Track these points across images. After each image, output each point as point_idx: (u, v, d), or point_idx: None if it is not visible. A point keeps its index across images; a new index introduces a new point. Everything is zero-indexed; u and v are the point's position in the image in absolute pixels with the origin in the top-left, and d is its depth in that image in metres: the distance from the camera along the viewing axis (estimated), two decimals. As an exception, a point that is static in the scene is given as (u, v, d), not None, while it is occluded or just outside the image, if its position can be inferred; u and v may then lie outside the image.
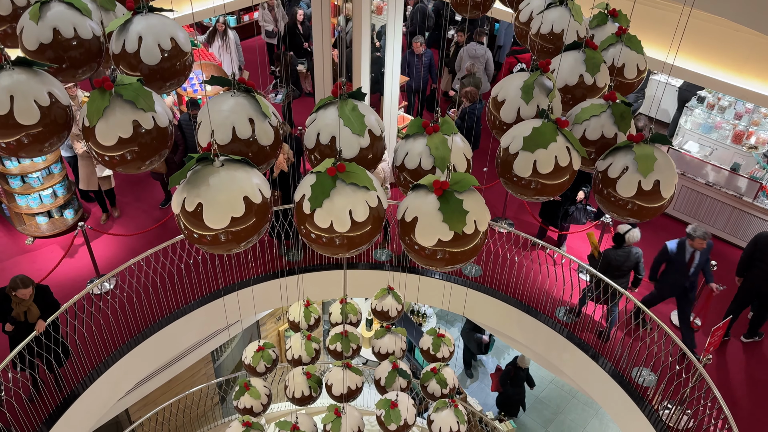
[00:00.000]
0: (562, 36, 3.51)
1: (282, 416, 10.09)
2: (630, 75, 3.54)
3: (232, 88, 2.70)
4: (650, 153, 2.83)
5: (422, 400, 10.51)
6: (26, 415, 6.50)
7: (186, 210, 2.44)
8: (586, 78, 3.28)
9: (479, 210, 2.62)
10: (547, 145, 2.79)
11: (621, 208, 2.94)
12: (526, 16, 3.88)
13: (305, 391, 5.99)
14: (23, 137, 2.43)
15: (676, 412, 6.75)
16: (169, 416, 9.98)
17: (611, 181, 2.91)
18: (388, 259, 8.76)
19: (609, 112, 3.09)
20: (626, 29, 3.58)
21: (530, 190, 2.88)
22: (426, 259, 2.64)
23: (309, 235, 2.60)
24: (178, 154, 8.87)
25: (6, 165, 8.43)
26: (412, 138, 3.02)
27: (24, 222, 8.86)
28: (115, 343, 7.39)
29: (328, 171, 2.54)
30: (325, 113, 2.88)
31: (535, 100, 3.08)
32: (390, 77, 9.14)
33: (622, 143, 2.95)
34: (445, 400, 5.72)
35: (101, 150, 2.48)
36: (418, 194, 2.67)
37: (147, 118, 2.49)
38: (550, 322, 7.97)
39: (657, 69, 7.35)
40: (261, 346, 6.05)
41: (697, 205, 9.40)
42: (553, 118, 2.84)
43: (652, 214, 2.95)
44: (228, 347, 11.41)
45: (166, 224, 8.76)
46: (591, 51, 3.28)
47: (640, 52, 3.52)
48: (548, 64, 3.10)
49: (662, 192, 2.87)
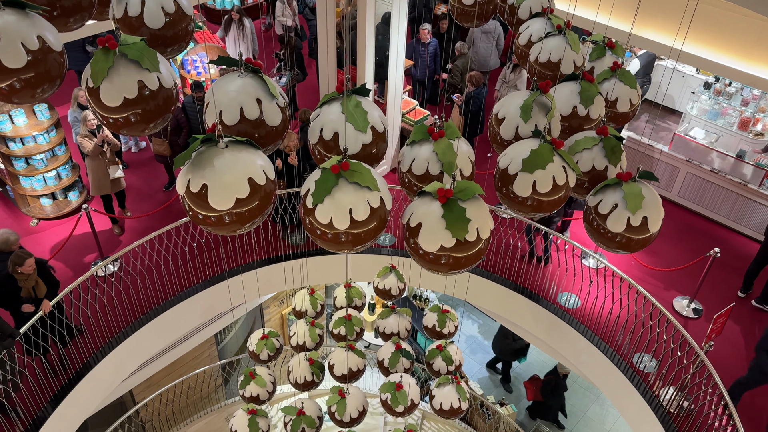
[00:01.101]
0: (559, 65, 3.66)
1: (285, 398, 10.17)
2: (623, 108, 3.68)
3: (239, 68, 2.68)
4: (638, 191, 3.02)
5: (424, 383, 10.57)
6: (31, 395, 6.57)
7: (191, 191, 2.44)
8: (579, 110, 3.43)
9: (482, 218, 2.69)
10: (545, 165, 2.90)
11: (610, 241, 3.12)
12: (525, 39, 4.04)
13: (308, 377, 6.04)
14: (15, 82, 2.33)
15: (676, 397, 6.79)
16: (172, 397, 10.07)
17: (602, 217, 3.09)
18: (391, 244, 8.77)
19: (600, 146, 3.24)
20: (621, 64, 3.72)
21: (527, 207, 3.01)
22: (429, 263, 2.73)
23: (314, 231, 2.64)
24: (182, 137, 8.86)
25: (10, 147, 8.44)
26: (418, 144, 3.09)
27: (28, 204, 8.88)
28: (119, 325, 7.44)
29: (332, 168, 2.57)
30: (329, 109, 2.92)
31: (533, 119, 3.22)
32: (395, 61, 9.09)
33: (611, 180, 3.12)
34: (448, 376, 5.74)
35: (106, 112, 2.43)
36: (423, 201, 2.75)
37: (152, 79, 2.43)
38: (552, 308, 7.99)
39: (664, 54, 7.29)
40: (265, 335, 6.10)
41: (701, 191, 9.37)
42: (549, 139, 2.95)
43: (640, 246, 3.14)
44: (231, 330, 11.48)
45: (170, 207, 8.77)
46: (586, 83, 3.42)
47: (633, 86, 3.67)
48: (548, 86, 3.20)
49: (650, 227, 3.07)
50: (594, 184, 3.27)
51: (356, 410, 5.94)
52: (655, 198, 3.09)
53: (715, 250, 7.41)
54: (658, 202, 3.10)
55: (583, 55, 3.77)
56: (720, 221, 9.31)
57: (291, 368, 6.14)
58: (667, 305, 7.88)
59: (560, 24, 3.81)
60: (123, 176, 8.38)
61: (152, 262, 7.66)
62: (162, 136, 8.79)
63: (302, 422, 5.96)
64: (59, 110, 9.03)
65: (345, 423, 5.95)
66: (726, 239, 9.03)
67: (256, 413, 5.94)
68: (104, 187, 8.25)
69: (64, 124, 9.01)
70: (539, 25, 3.99)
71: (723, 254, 7.73)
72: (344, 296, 6.55)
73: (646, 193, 3.05)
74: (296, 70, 10.30)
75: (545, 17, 4.01)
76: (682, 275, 8.21)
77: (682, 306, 8.00)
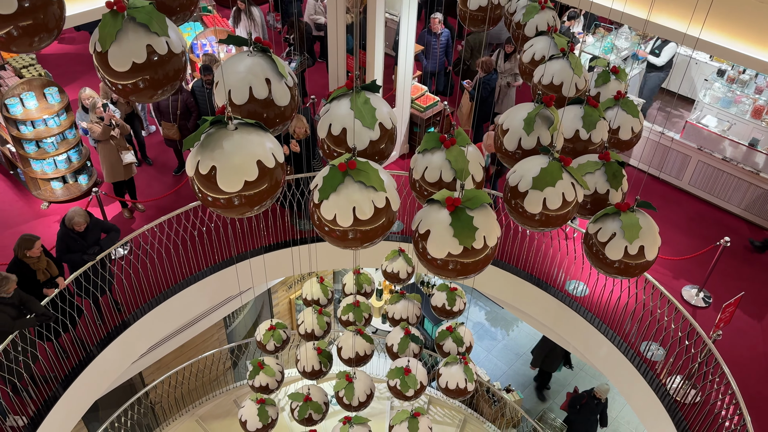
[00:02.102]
0: (562, 87, 3.78)
1: (292, 382, 10.25)
2: (625, 136, 3.79)
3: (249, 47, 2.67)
4: (636, 222, 3.18)
5: (431, 369, 10.61)
6: (42, 376, 6.65)
7: (200, 173, 2.45)
8: (581, 133, 3.54)
9: (489, 226, 2.77)
10: (555, 183, 3.02)
11: (609, 267, 3.27)
12: (529, 57, 4.16)
13: (315, 366, 6.08)
14: (12, 30, 2.26)
15: (683, 386, 6.78)
16: (181, 380, 10.17)
17: (601, 245, 3.25)
18: (399, 230, 8.77)
19: (603, 170, 3.39)
20: (624, 94, 3.80)
21: (536, 222, 3.12)
22: (437, 268, 2.81)
23: (322, 228, 2.70)
24: (191, 121, 8.86)
25: (21, 130, 8.48)
26: (430, 152, 3.17)
27: (39, 187, 8.94)
28: (129, 308, 7.51)
29: (339, 166, 2.62)
30: (339, 105, 2.96)
31: (535, 132, 3.31)
32: (404, 46, 9.03)
33: (610, 210, 3.27)
34: (456, 356, 5.75)
35: (114, 78, 2.39)
36: (432, 208, 2.83)
37: (161, 43, 2.39)
38: (560, 295, 7.99)
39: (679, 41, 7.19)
40: (273, 326, 6.12)
41: (713, 180, 9.29)
42: (558, 157, 3.05)
43: (639, 271, 3.28)
44: (240, 314, 11.55)
45: (179, 191, 8.80)
46: (590, 108, 3.51)
47: (636, 116, 3.78)
48: (552, 99, 3.31)
49: (646, 255, 3.21)
50: (596, 206, 3.43)
51: (364, 394, 5.98)
52: (651, 227, 3.23)
53: (726, 239, 7.36)
54: (654, 231, 3.26)
55: (585, 78, 3.86)
56: (731, 210, 9.24)
57: (299, 357, 6.18)
58: (675, 294, 7.85)
59: (564, 47, 3.92)
60: (135, 162, 8.42)
61: (162, 246, 7.71)
62: (171, 120, 8.80)
63: (309, 408, 6.00)
64: (69, 93, 9.05)
65: (353, 407, 5.99)
66: (737, 228, 8.96)
67: (265, 402, 5.99)
68: (117, 174, 8.30)
69: (74, 107, 9.04)
70: (543, 44, 4.10)
71: (733, 243, 7.69)
72: (353, 283, 6.56)
73: (643, 223, 3.19)
74: (306, 55, 10.26)
75: (549, 36, 4.12)
76: (691, 264, 8.17)
77: (691, 295, 7.97)
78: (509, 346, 12.68)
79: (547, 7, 4.44)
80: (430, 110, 9.95)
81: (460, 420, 10.31)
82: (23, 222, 8.52)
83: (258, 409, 5.94)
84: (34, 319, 6.15)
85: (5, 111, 8.29)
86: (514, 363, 12.36)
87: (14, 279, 5.97)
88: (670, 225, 8.94)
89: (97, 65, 2.41)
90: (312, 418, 6.05)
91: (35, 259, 6.38)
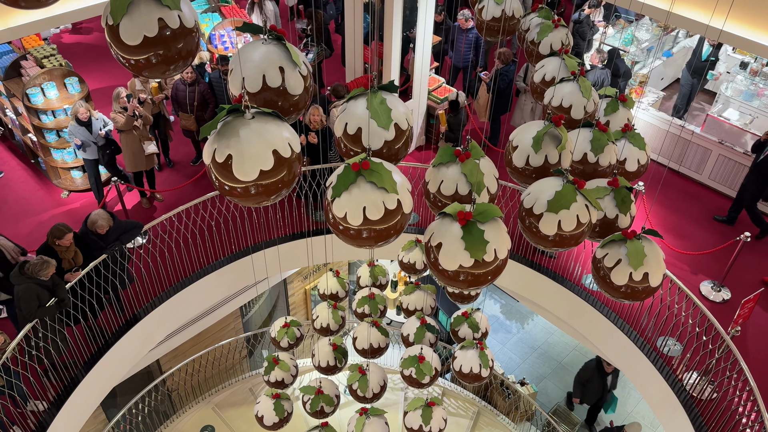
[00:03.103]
0: (571, 109, 3.88)
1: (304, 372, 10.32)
2: (631, 168, 3.91)
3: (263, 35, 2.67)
4: (641, 249, 3.31)
5: (444, 361, 10.63)
6: (63, 362, 6.77)
7: (216, 161, 2.46)
8: (589, 156, 3.62)
9: (500, 239, 2.86)
10: (569, 206, 3.10)
11: (616, 291, 3.40)
12: (540, 77, 4.30)
13: (330, 362, 6.11)
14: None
15: (700, 382, 6.73)
16: (198, 368, 10.29)
17: (608, 269, 3.38)
18: (414, 222, 8.77)
19: (612, 196, 3.54)
20: (632, 127, 3.94)
21: (550, 242, 3.21)
22: (449, 279, 2.89)
23: (336, 226, 2.75)
24: (208, 112, 8.91)
25: (42, 119, 8.59)
26: (445, 165, 3.27)
27: (60, 176, 9.06)
28: (147, 296, 7.60)
29: (353, 165, 2.67)
30: (355, 104, 3.02)
31: (543, 150, 3.42)
32: (422, 37, 8.99)
33: (617, 236, 3.39)
34: (473, 340, 5.75)
35: (126, 52, 2.37)
36: (444, 221, 2.91)
37: (173, 17, 2.35)
38: (576, 289, 7.95)
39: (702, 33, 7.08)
40: (287, 323, 6.16)
41: (733, 174, 9.16)
42: (572, 179, 3.14)
43: (643, 296, 3.41)
44: (256, 303, 11.65)
45: (197, 181, 8.87)
46: (599, 132, 3.62)
47: (642, 148, 3.91)
48: (561, 119, 3.42)
49: (650, 281, 3.35)
50: (605, 229, 3.58)
51: (378, 385, 6.01)
52: (656, 255, 3.35)
53: (746, 234, 7.26)
54: (659, 258, 3.36)
55: (594, 101, 3.96)
56: (752, 205, 9.10)
57: (314, 351, 6.23)
58: (693, 289, 7.78)
59: (574, 70, 4.04)
60: (157, 152, 8.51)
61: (180, 235, 7.78)
62: (189, 111, 8.86)
63: (321, 401, 6.04)
64: (89, 83, 9.14)
65: (367, 399, 6.01)
66: (757, 224, 8.83)
67: (280, 397, 6.04)
68: (140, 163, 8.40)
69: (93, 97, 9.13)
70: (554, 65, 4.24)
71: (753, 239, 7.58)
72: (368, 275, 6.57)
73: (648, 251, 3.30)
74: (323, 46, 10.25)
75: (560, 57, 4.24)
76: (710, 259, 8.08)
77: (709, 290, 7.88)
78: (524, 339, 12.66)
79: (561, 25, 4.59)
80: (446, 102, 9.91)
81: (473, 412, 10.33)
82: (44, 210, 8.65)
83: (274, 404, 6.00)
84: (55, 307, 6.27)
85: (27, 101, 8.40)
86: (528, 356, 12.34)
87: (54, 264, 6.19)
88: (689, 219, 8.84)
89: (109, 41, 2.39)
90: (324, 410, 6.10)
91: (64, 248, 6.53)
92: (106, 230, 6.81)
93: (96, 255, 6.86)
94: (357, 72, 9.72)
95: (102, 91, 10.27)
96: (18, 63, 8.71)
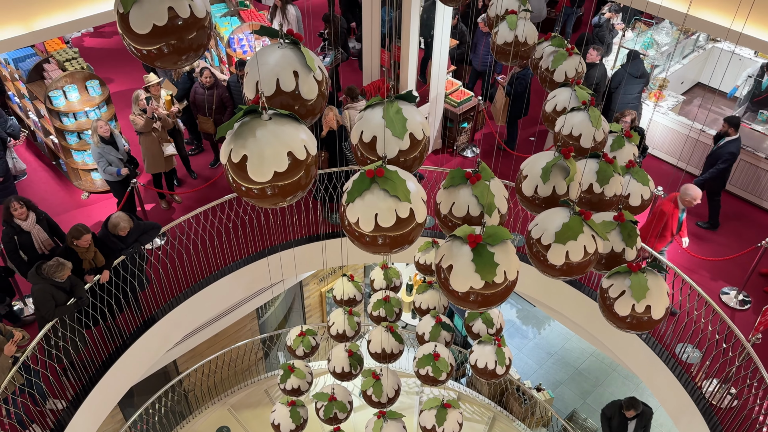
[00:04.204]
0: (580, 138, 3.95)
1: (319, 375, 10.33)
2: (634, 203, 4.00)
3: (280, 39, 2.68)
4: (644, 283, 3.38)
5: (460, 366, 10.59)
6: (82, 361, 6.85)
7: (232, 161, 2.48)
8: (595, 187, 3.70)
9: (509, 262, 2.95)
10: (577, 237, 3.19)
11: (620, 321, 3.47)
12: (551, 107, 4.41)
13: (345, 368, 6.11)
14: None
15: (719, 390, 6.63)
16: (214, 369, 10.36)
17: (612, 300, 3.46)
18: (430, 226, 8.75)
19: (618, 230, 3.64)
20: (635, 163, 4.04)
21: (557, 271, 3.28)
22: (459, 300, 2.95)
23: (352, 233, 2.79)
24: (226, 115, 8.99)
25: (63, 121, 8.72)
26: (456, 188, 3.36)
27: (80, 177, 9.19)
28: (165, 297, 7.67)
29: (367, 172, 2.71)
30: (372, 112, 3.06)
31: (551, 181, 3.53)
32: (439, 40, 8.99)
33: (622, 269, 3.48)
34: (491, 336, 5.71)
35: (137, 42, 2.36)
36: (455, 244, 2.98)
37: (183, 6, 2.34)
38: (593, 294, 7.87)
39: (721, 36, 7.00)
40: (303, 332, 6.19)
41: (755, 180, 9.03)
42: (578, 210, 3.23)
43: (647, 327, 3.46)
44: (272, 305, 11.70)
45: (215, 183, 8.94)
46: (605, 164, 3.69)
47: (646, 184, 4.00)
48: (570, 152, 3.51)
49: (652, 314, 3.39)
50: (610, 262, 3.68)
51: (392, 390, 6.00)
52: (660, 289, 3.41)
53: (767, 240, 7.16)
54: (662, 292, 3.42)
55: (604, 131, 4.02)
56: (774, 211, 8.97)
57: (330, 356, 6.24)
58: (713, 296, 7.67)
59: (585, 100, 4.11)
60: (175, 154, 8.60)
61: (197, 237, 7.85)
62: (207, 114, 8.95)
63: (334, 407, 6.05)
64: (110, 87, 9.26)
65: (382, 404, 6.00)
66: (779, 230, 8.69)
67: (296, 404, 6.06)
68: (159, 165, 8.49)
69: (114, 100, 9.25)
70: (565, 96, 4.34)
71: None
72: (382, 278, 6.57)
73: (651, 285, 3.37)
74: (340, 50, 10.29)
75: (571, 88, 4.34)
76: (730, 265, 7.96)
77: (730, 297, 7.77)
78: (540, 345, 12.57)
79: (574, 53, 4.70)
80: (463, 105, 9.89)
81: (489, 417, 10.27)
82: (64, 211, 8.77)
83: (290, 411, 6.02)
84: (73, 306, 6.36)
85: (49, 103, 8.53)
86: (545, 362, 12.25)
87: (69, 266, 6.30)
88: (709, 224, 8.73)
89: (120, 31, 2.39)
90: (337, 417, 6.10)
91: (83, 249, 6.62)
92: (127, 231, 6.90)
93: (116, 256, 6.96)
94: (374, 76, 9.75)
95: (122, 93, 10.40)
96: (41, 66, 8.86)
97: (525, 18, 4.84)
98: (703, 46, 11.23)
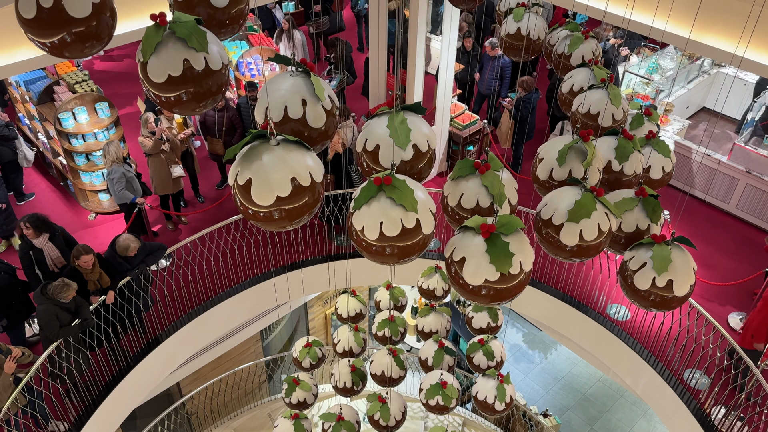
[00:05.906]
0: (598, 117, 3.84)
1: (325, 398, 10.24)
2: (655, 176, 3.83)
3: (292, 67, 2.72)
4: (667, 255, 3.17)
5: (465, 390, 10.48)
6: (85, 383, 6.82)
7: (238, 183, 2.51)
8: (614, 164, 3.58)
9: (524, 251, 2.78)
10: (590, 214, 3.03)
11: (640, 297, 3.27)
12: (568, 87, 4.27)
13: (347, 383, 6.07)
14: (65, 36, 2.48)
15: (729, 417, 6.53)
16: (218, 391, 10.29)
17: (632, 272, 3.27)
18: (436, 248, 8.74)
19: (641, 206, 3.42)
20: (656, 134, 3.86)
21: (568, 252, 3.12)
22: (471, 294, 2.80)
23: (360, 243, 2.73)
24: (236, 137, 9.06)
25: (72, 143, 8.80)
26: (464, 178, 3.21)
27: (87, 198, 9.24)
28: (169, 318, 7.66)
29: (375, 180, 2.67)
30: (378, 122, 3.02)
31: (567, 164, 3.39)
32: (445, 64, 9.07)
33: (646, 240, 3.29)
34: (495, 371, 5.67)
35: (154, 88, 2.47)
36: (466, 235, 2.82)
37: (198, 58, 2.44)
38: (600, 319, 7.81)
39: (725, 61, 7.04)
40: (309, 343, 6.15)
41: (761, 204, 9.00)
42: (589, 188, 3.08)
43: (669, 306, 3.26)
44: (276, 327, 11.65)
45: (222, 205, 8.97)
46: (624, 140, 3.57)
47: (667, 155, 3.83)
48: (589, 134, 3.36)
49: (675, 290, 3.18)
50: (633, 242, 3.44)
51: (399, 412, 5.94)
52: (685, 263, 3.21)
53: (775, 265, 7.11)
54: (688, 267, 3.22)
55: (624, 109, 3.91)
56: (781, 236, 8.91)
57: (334, 371, 6.20)
58: (721, 321, 7.60)
59: (604, 77, 4.00)
60: (183, 175, 8.66)
61: (203, 258, 7.86)
62: (217, 136, 9.02)
63: (342, 428, 5.98)
64: (119, 109, 9.36)
65: (390, 428, 5.94)
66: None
67: (299, 417, 6.00)
68: (167, 186, 8.54)
69: (123, 122, 9.34)
70: (583, 76, 4.21)
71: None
72: (388, 298, 6.55)
73: (675, 257, 3.18)
74: (346, 74, 10.39)
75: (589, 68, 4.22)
76: (738, 290, 7.90)
77: (738, 322, 7.70)
78: (547, 370, 12.45)
79: (591, 36, 4.57)
80: (469, 129, 9.94)
81: (494, 443, 10.14)
82: (71, 232, 8.74)
83: (294, 424, 5.96)
84: (77, 327, 6.35)
85: (58, 124, 8.63)
86: (551, 387, 12.12)
87: (74, 287, 6.31)
88: (716, 249, 8.69)
89: (141, 77, 2.51)
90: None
91: (88, 270, 6.63)
92: (135, 252, 6.93)
93: (121, 277, 6.96)
94: (380, 99, 9.83)
95: (130, 116, 10.51)
96: (51, 88, 8.97)
97: (537, 13, 4.72)
98: (708, 71, 11.29)
